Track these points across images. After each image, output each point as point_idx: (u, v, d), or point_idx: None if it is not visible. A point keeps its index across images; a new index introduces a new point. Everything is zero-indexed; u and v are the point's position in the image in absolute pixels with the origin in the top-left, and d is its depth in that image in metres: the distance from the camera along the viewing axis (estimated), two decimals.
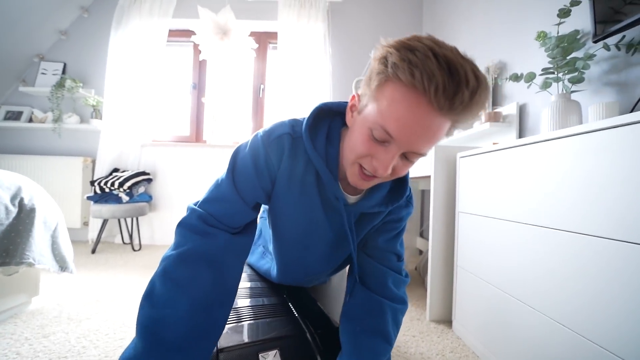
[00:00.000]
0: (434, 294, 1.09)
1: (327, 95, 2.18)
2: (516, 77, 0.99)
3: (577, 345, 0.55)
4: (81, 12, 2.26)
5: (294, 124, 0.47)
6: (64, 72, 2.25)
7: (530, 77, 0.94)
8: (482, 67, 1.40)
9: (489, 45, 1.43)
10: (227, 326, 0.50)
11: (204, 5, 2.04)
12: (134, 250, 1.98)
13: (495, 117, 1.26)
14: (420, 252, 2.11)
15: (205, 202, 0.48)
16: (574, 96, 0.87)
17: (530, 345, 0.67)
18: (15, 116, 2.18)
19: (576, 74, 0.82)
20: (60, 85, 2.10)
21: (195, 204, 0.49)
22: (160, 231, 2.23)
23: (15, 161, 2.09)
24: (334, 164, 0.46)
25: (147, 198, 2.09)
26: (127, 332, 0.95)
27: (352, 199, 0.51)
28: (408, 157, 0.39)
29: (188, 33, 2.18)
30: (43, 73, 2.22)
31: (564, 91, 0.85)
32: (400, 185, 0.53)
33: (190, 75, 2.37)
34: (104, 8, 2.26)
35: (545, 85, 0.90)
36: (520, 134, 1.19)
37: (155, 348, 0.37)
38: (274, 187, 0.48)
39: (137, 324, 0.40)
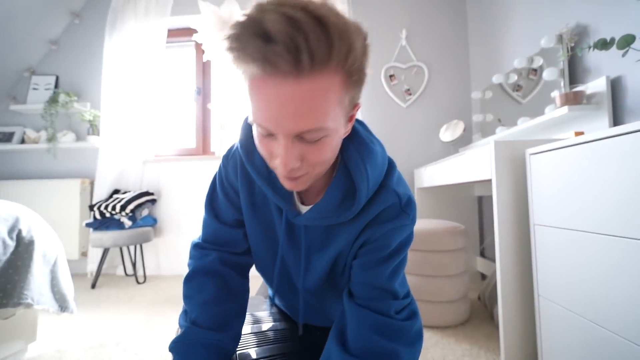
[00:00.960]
0: (510, 333, 0.99)
1: None
2: (604, 44, 0.90)
3: None
4: (72, 18, 2.45)
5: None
6: (56, 85, 2.44)
7: (627, 40, 0.85)
8: (552, 34, 1.31)
9: (560, 3, 1.34)
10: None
11: None
12: (138, 282, 2.04)
13: (575, 99, 1.16)
14: (483, 276, 1.98)
15: (201, 230, 0.61)
16: None
17: None
18: (6, 138, 2.37)
19: None
20: (53, 100, 2.27)
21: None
22: (167, 259, 2.29)
23: (6, 187, 2.26)
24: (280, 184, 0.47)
25: (152, 222, 2.16)
26: None
27: (305, 209, 0.51)
28: (305, 138, 0.39)
29: (189, 32, 2.29)
30: (34, 88, 2.41)
31: None
32: (352, 188, 0.48)
33: (194, 80, 2.47)
34: (96, 12, 2.44)
35: None
36: (616, 119, 1.08)
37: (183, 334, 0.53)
38: (240, 203, 0.56)
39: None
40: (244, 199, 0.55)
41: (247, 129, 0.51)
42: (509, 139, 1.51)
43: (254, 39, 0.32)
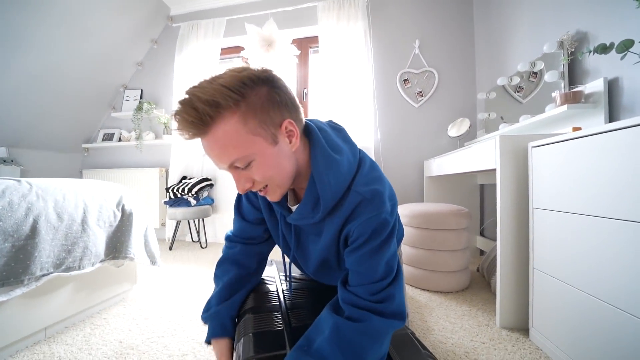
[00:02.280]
0: (505, 299, 0.99)
1: (370, 92, 2.14)
2: (604, 48, 0.84)
3: None
4: (152, 44, 2.64)
5: None
6: (141, 97, 2.65)
7: (626, 45, 0.78)
8: (553, 40, 1.22)
9: (561, 12, 1.23)
10: (303, 325, 0.54)
11: (250, 21, 2.18)
12: (202, 247, 2.21)
13: (574, 98, 1.08)
14: (482, 252, 1.93)
15: (233, 226, 0.71)
16: None
17: (626, 355, 0.56)
18: (109, 137, 2.65)
19: None
20: (139, 108, 2.47)
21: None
22: (222, 230, 2.45)
23: (109, 174, 2.53)
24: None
25: (210, 201, 2.32)
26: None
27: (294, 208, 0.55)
28: (238, 167, 0.44)
29: (237, 49, 2.37)
30: (127, 99, 2.64)
31: None
32: (313, 193, 0.49)
33: None
34: (169, 37, 2.60)
35: None
36: (612, 116, 1.00)
37: (211, 307, 0.64)
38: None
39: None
40: (262, 205, 0.62)
41: None
42: (513, 135, 1.46)
43: (177, 126, 0.42)
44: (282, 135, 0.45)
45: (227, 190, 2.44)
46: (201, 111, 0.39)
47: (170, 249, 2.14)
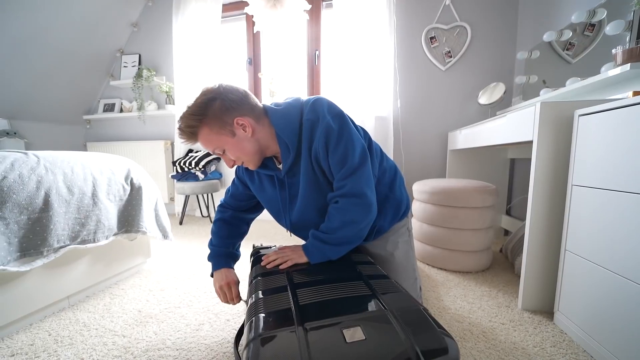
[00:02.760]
0: (530, 281, 0.99)
1: (390, 54, 2.00)
2: None
3: None
4: (146, 1, 2.52)
5: None
6: (139, 62, 2.61)
7: None
8: None
9: None
10: (311, 302, 0.56)
11: None
12: (212, 222, 2.31)
13: (637, 55, 0.96)
14: (507, 232, 1.91)
15: (224, 195, 0.94)
16: None
17: None
18: (110, 108, 2.68)
19: None
20: (139, 75, 2.45)
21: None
22: None
23: (113, 147, 2.60)
24: (270, 163, 0.80)
25: (218, 175, 2.37)
26: None
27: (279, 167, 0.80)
28: (220, 154, 0.75)
29: (241, 5, 2.23)
30: (125, 66, 2.61)
31: None
32: (278, 140, 0.74)
33: (245, 51, 2.46)
34: None
35: None
36: None
37: (210, 249, 0.89)
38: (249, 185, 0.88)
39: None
40: (250, 182, 0.87)
41: None
42: (556, 101, 1.35)
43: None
44: (238, 129, 0.71)
45: None
46: (187, 132, 0.72)
47: (181, 223, 2.25)
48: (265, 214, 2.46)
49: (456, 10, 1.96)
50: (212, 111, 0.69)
